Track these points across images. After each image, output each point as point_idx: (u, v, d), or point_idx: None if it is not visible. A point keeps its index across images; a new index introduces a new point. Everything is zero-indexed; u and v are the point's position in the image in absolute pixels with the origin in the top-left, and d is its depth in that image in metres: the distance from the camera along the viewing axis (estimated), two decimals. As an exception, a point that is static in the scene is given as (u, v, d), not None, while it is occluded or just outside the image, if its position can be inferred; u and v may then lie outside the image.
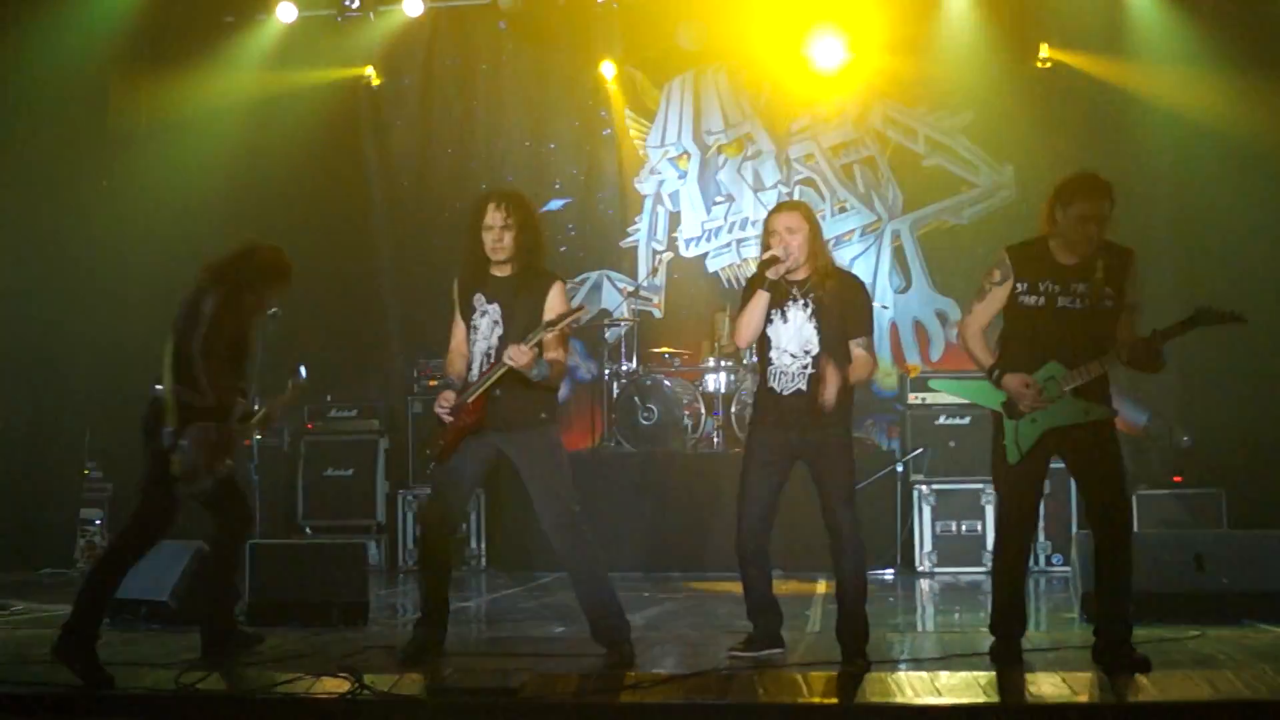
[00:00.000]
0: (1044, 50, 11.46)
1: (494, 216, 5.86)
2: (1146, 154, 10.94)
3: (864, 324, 5.81)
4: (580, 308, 5.89)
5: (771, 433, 5.80)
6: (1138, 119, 10.95)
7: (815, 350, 5.71)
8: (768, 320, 5.77)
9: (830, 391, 5.58)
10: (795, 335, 5.74)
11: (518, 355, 5.65)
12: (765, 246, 5.75)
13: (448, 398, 5.90)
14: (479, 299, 5.97)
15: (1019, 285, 5.58)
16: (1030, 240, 5.67)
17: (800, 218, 5.74)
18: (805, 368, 5.71)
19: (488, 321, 5.93)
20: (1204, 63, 10.61)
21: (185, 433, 5.76)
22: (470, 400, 5.83)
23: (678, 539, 9.87)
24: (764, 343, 5.82)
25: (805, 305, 5.74)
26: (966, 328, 5.77)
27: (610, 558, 7.03)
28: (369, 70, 12.36)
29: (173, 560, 7.21)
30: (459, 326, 6.07)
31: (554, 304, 5.85)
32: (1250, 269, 10.23)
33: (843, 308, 5.74)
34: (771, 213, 5.84)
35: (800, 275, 5.75)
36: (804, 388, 5.71)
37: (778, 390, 5.76)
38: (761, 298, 5.72)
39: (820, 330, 5.71)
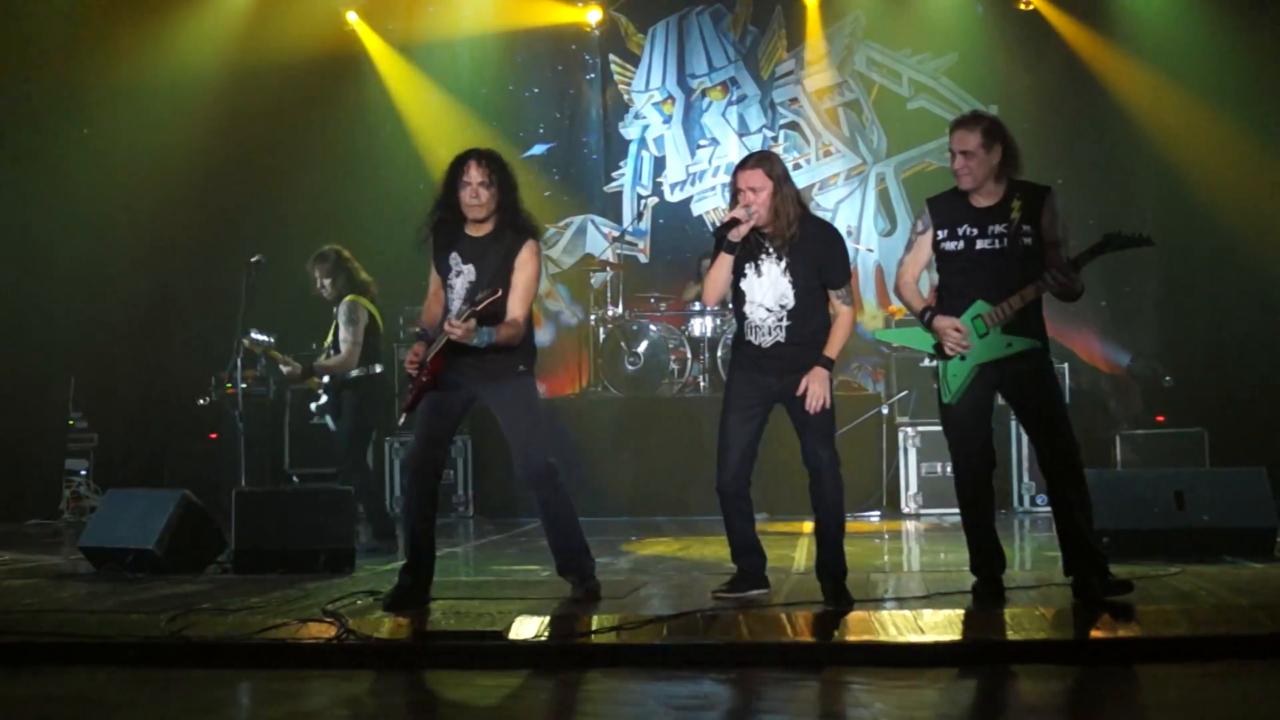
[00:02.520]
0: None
1: (474, 173, 5.83)
2: (1126, 93, 10.96)
3: (842, 273, 5.78)
4: (496, 292, 5.67)
5: (750, 378, 5.80)
6: (1118, 59, 10.94)
7: (791, 304, 5.68)
8: (741, 274, 5.74)
9: (815, 402, 5.65)
10: (770, 289, 5.70)
11: (452, 329, 5.60)
12: (733, 198, 5.71)
13: (417, 352, 5.93)
14: (454, 258, 5.95)
15: (940, 233, 5.70)
16: (947, 191, 5.80)
17: (763, 175, 5.64)
18: (781, 320, 5.69)
19: (462, 281, 5.91)
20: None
21: None
22: (429, 359, 5.84)
23: (664, 483, 9.91)
24: (739, 297, 5.81)
25: (779, 259, 5.69)
26: (899, 279, 5.92)
27: (596, 503, 7.08)
28: (351, 16, 12.26)
29: (158, 509, 7.22)
30: (435, 277, 6.08)
31: (523, 262, 5.84)
32: (1227, 204, 10.25)
33: (818, 259, 5.70)
34: (737, 168, 5.76)
35: (771, 229, 5.68)
36: (782, 339, 5.69)
37: (755, 343, 5.75)
38: (725, 260, 5.70)
39: (794, 283, 5.67)
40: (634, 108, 12.65)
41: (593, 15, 12.34)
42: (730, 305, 6.00)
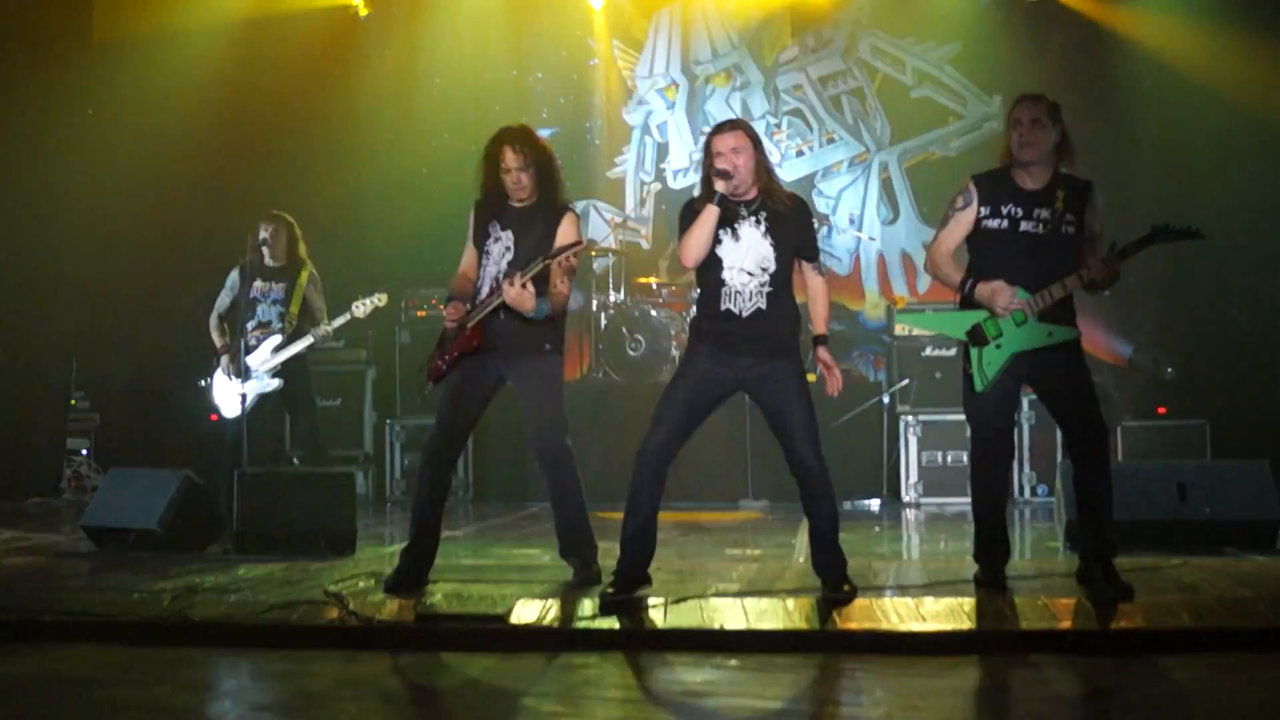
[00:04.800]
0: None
1: (512, 159, 5.88)
2: (1131, 82, 10.96)
3: (815, 245, 5.71)
4: (578, 242, 5.84)
5: (718, 357, 5.55)
6: (1123, 48, 10.94)
7: (773, 267, 5.51)
8: (716, 241, 5.54)
9: (837, 385, 5.59)
10: (749, 252, 5.52)
11: (513, 294, 5.66)
12: (706, 169, 5.55)
13: (456, 310, 5.93)
14: (494, 225, 6.00)
15: (983, 209, 5.63)
16: (994, 169, 5.73)
17: (744, 135, 5.54)
18: (764, 286, 5.50)
19: (500, 248, 5.95)
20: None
21: None
22: (470, 325, 5.86)
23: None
24: (714, 264, 5.54)
25: (758, 223, 5.53)
26: (934, 253, 5.80)
27: (597, 488, 7.07)
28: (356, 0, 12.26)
29: (160, 488, 7.23)
30: (470, 250, 6.11)
31: (565, 234, 5.89)
32: (1234, 194, 10.25)
33: (797, 227, 5.60)
34: (712, 134, 5.60)
35: (750, 195, 5.56)
36: (763, 306, 5.49)
37: (735, 311, 5.51)
38: (711, 213, 5.45)
39: (776, 246, 5.52)
40: (637, 93, 12.63)
41: (596, 0, 12.30)
42: (697, 279, 5.75)
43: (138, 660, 5.03)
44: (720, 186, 5.45)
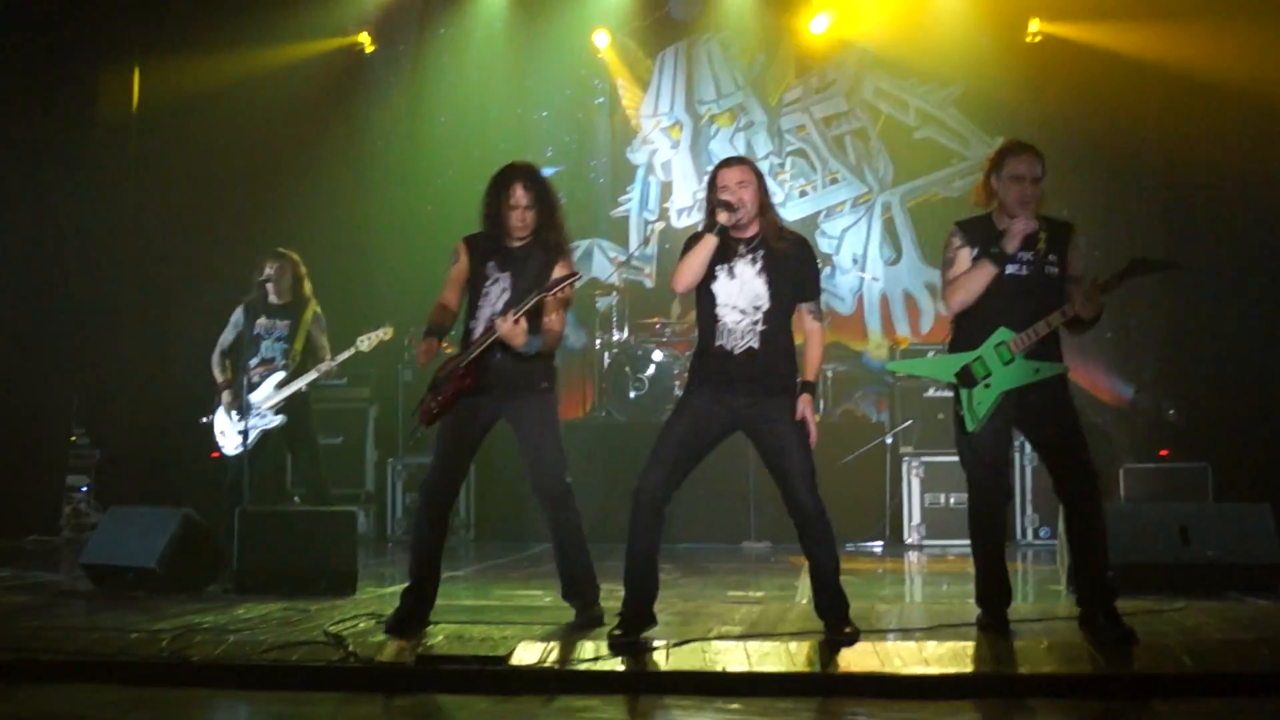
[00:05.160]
0: (1034, 24, 11.46)
1: (521, 195, 5.91)
2: (1136, 126, 10.96)
3: (816, 287, 5.66)
4: (574, 274, 5.85)
5: (714, 396, 5.53)
6: (1127, 91, 10.96)
7: (766, 306, 5.47)
8: (712, 277, 5.52)
9: (812, 432, 5.50)
10: (743, 291, 5.49)
11: (506, 329, 5.67)
12: (710, 201, 5.53)
13: (430, 348, 5.90)
14: (491, 266, 6.00)
15: (971, 253, 5.69)
16: (974, 216, 5.82)
17: (749, 171, 5.55)
18: (756, 324, 5.47)
19: (497, 289, 5.96)
20: (1191, 19, 10.61)
21: None
22: (464, 365, 5.86)
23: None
24: (708, 301, 5.54)
25: (754, 261, 5.52)
26: (951, 287, 5.76)
27: (599, 528, 7.06)
28: (363, 37, 12.30)
29: (160, 527, 7.21)
30: (453, 281, 6.10)
31: (559, 273, 5.90)
32: (1237, 234, 10.27)
33: (797, 267, 5.57)
34: (717, 168, 5.61)
35: (748, 232, 5.54)
36: (755, 345, 5.47)
37: (727, 349, 5.49)
38: (709, 242, 5.43)
39: (770, 285, 5.50)
40: (642, 133, 12.68)
41: (601, 40, 12.38)
42: (696, 318, 5.71)
43: (136, 700, 5.01)
44: (723, 218, 5.45)
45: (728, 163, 5.64)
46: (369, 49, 12.40)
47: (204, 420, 8.27)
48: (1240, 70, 10.24)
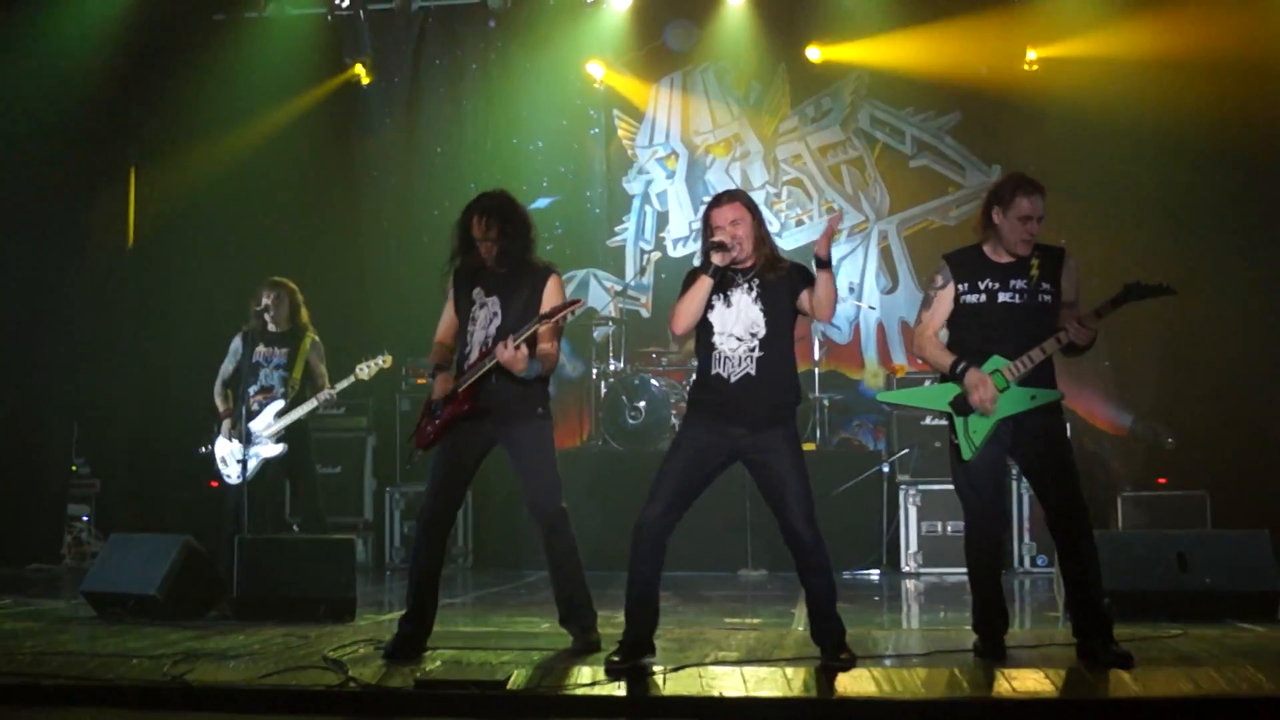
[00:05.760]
0: (1032, 53, 11.52)
1: (479, 229, 5.99)
2: (1133, 154, 11.01)
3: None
4: (576, 300, 5.90)
5: (712, 427, 5.56)
6: (1124, 120, 11.01)
7: (763, 333, 5.51)
8: (709, 306, 5.56)
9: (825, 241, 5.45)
10: (740, 318, 5.54)
11: (507, 356, 5.70)
12: (705, 239, 5.58)
13: (445, 380, 6.01)
14: (478, 292, 6.06)
15: (960, 286, 5.74)
16: (965, 247, 5.86)
17: (742, 207, 5.59)
18: (753, 351, 5.51)
19: (486, 313, 6.02)
20: (1188, 51, 10.70)
21: None
22: (460, 390, 5.90)
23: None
24: (705, 330, 5.58)
25: (750, 289, 5.57)
26: (920, 335, 5.88)
27: (597, 556, 7.09)
28: (359, 69, 12.37)
29: (160, 554, 7.22)
30: (449, 316, 6.19)
31: (551, 295, 5.96)
32: (1237, 261, 10.30)
33: (791, 287, 5.59)
34: (711, 206, 5.65)
35: (746, 264, 5.59)
36: (753, 372, 5.50)
37: (724, 376, 5.53)
38: (705, 283, 5.49)
39: (766, 312, 5.54)
40: (637, 163, 12.74)
41: (597, 70, 12.45)
42: (695, 347, 5.74)
43: (137, 725, 5.03)
44: (718, 259, 5.49)
45: (719, 200, 5.68)
46: (365, 80, 12.46)
47: (203, 450, 8.30)
48: (1234, 103, 10.32)
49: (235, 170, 11.29)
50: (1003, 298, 5.67)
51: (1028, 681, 5.21)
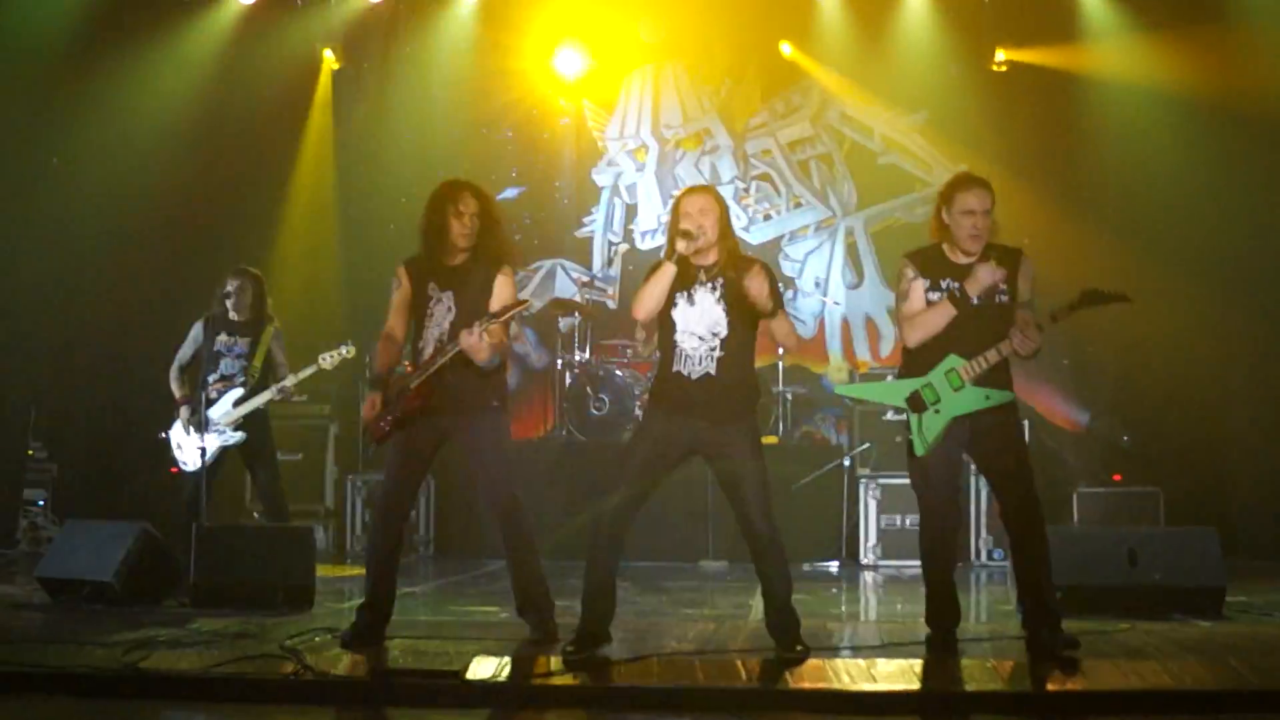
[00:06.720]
0: (1000, 54, 11.56)
1: (469, 203, 5.99)
2: (1099, 155, 11.06)
3: (779, 301, 5.66)
4: (524, 301, 5.94)
5: (672, 420, 5.60)
6: (1091, 121, 11.07)
7: (724, 333, 5.55)
8: (672, 304, 5.58)
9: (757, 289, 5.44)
10: (702, 318, 5.57)
11: (472, 340, 5.72)
12: (673, 229, 5.61)
13: (374, 404, 6.01)
14: (432, 286, 6.06)
15: (924, 283, 5.80)
16: (925, 246, 5.93)
17: (712, 199, 5.64)
18: (713, 350, 5.55)
19: (442, 309, 6.02)
20: (1152, 35, 10.77)
21: None
22: (415, 385, 5.91)
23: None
24: (668, 327, 5.63)
25: (713, 288, 5.59)
26: (906, 322, 5.88)
27: (558, 547, 7.13)
28: (328, 54, 12.29)
29: (117, 541, 7.20)
30: (399, 311, 6.17)
31: (500, 289, 5.98)
32: (1199, 259, 10.36)
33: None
34: (681, 195, 5.71)
35: (708, 260, 5.62)
36: (713, 371, 5.54)
37: (685, 374, 5.56)
38: (668, 270, 5.51)
39: (729, 312, 5.58)
40: (607, 154, 12.73)
41: (569, 61, 12.41)
42: (657, 342, 5.78)
43: (90, 714, 5.03)
44: (682, 246, 5.52)
45: (691, 191, 5.74)
46: (334, 66, 12.36)
47: (162, 435, 8.27)
48: (1203, 102, 10.37)
49: (199, 154, 11.18)
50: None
51: (976, 674, 5.29)
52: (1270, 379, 10.29)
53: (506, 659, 5.49)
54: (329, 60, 12.30)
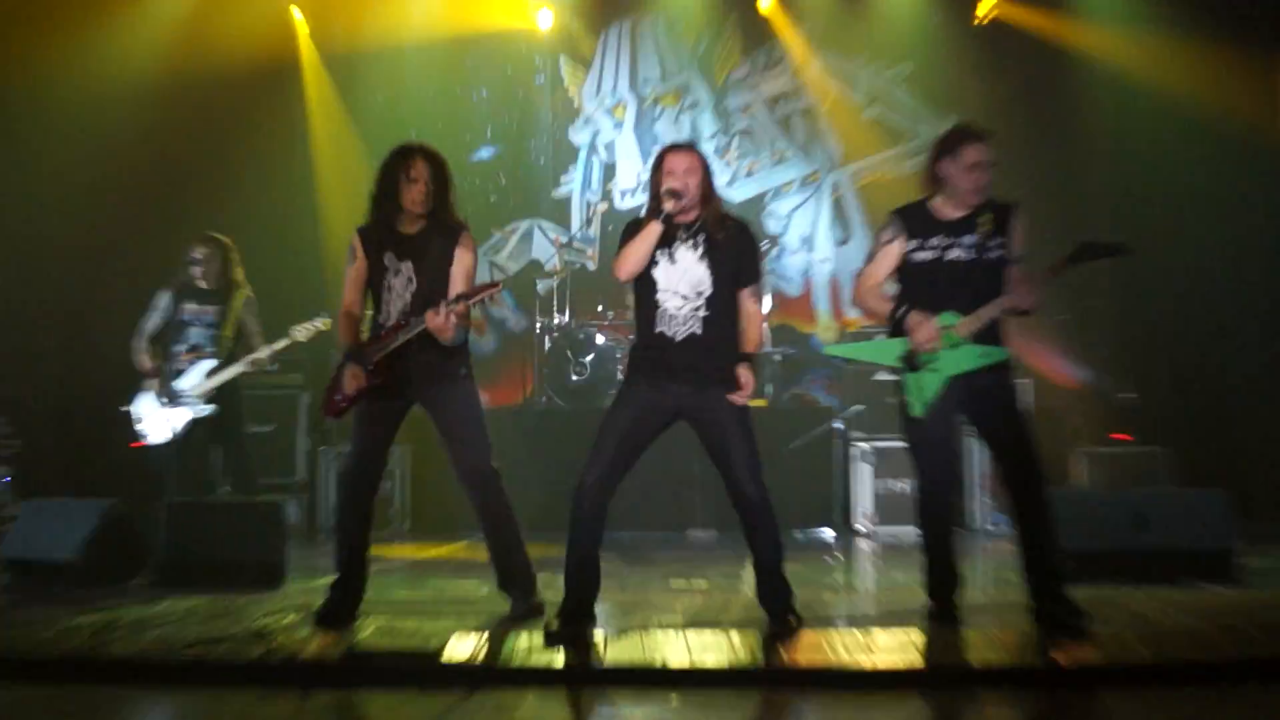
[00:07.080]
0: (984, 7, 11.40)
1: (421, 169, 5.76)
2: (1085, 105, 10.99)
3: (757, 270, 5.56)
4: (495, 284, 5.69)
5: (654, 385, 5.45)
6: (1076, 72, 10.95)
7: (708, 291, 5.41)
8: (652, 263, 5.45)
9: (749, 390, 5.38)
10: (685, 276, 5.43)
11: (438, 322, 5.55)
12: (655, 186, 5.46)
13: (356, 376, 5.79)
14: (389, 257, 5.86)
15: (911, 243, 5.62)
16: (914, 203, 5.73)
17: (696, 157, 5.49)
18: (698, 310, 5.41)
19: (401, 280, 5.83)
20: (1141, 15, 10.59)
21: None
22: (378, 358, 5.75)
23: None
24: (648, 287, 5.48)
25: (696, 246, 5.45)
26: (860, 285, 5.76)
27: (539, 517, 6.90)
28: (296, 11, 11.99)
29: (81, 519, 7.00)
30: (355, 282, 5.94)
31: (462, 257, 5.81)
32: (1191, 213, 10.22)
33: (738, 252, 5.49)
34: (664, 152, 5.53)
35: (690, 217, 5.47)
36: (698, 331, 5.40)
37: (669, 335, 5.43)
38: (654, 228, 5.37)
39: (713, 270, 5.43)
40: (584, 113, 12.47)
41: (544, 18, 12.15)
42: (634, 305, 5.64)
43: (54, 698, 4.81)
44: (669, 206, 5.38)
45: (675, 148, 5.55)
46: (304, 23, 12.07)
47: (124, 409, 8.02)
48: (1187, 56, 10.22)
49: (164, 119, 10.89)
50: (952, 255, 5.55)
51: (979, 645, 5.12)
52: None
53: (487, 636, 5.31)
54: (300, 23, 12.01)
